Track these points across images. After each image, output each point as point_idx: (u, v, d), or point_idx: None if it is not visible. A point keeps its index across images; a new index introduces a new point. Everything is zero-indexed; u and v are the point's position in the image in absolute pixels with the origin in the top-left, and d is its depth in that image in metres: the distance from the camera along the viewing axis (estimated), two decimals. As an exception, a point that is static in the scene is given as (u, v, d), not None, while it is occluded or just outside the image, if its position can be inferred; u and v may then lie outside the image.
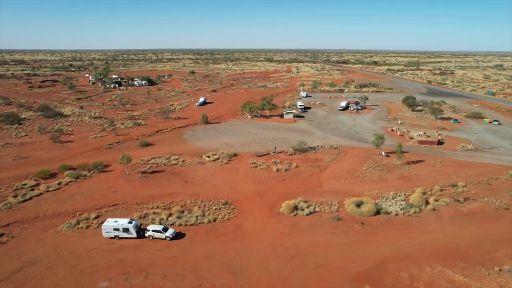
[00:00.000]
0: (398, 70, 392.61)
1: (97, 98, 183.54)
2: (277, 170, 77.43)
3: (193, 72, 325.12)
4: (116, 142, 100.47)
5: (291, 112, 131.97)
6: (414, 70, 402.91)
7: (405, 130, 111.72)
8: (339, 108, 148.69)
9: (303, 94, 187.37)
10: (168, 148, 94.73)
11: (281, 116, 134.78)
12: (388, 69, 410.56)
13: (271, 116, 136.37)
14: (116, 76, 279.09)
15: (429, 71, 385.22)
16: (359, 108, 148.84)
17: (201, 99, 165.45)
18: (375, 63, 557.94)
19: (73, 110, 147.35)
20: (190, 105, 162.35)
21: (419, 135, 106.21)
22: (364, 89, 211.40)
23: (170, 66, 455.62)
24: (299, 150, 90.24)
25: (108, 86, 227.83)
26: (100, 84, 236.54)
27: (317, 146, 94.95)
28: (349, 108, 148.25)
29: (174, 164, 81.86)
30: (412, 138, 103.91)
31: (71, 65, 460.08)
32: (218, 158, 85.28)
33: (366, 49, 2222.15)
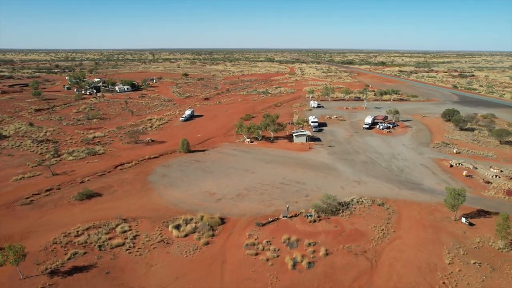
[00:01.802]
0: (411, 72, 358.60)
1: (62, 109, 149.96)
2: (294, 265, 43.73)
3: (186, 75, 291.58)
4: (47, 190, 66.71)
5: (303, 134, 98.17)
6: (428, 72, 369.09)
7: (471, 167, 77.81)
8: (364, 125, 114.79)
9: (313, 104, 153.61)
10: (119, 203, 61.03)
11: (290, 138, 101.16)
12: (400, 71, 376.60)
13: (277, 138, 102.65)
14: (98, 79, 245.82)
15: (445, 73, 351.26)
16: (390, 126, 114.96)
17: (187, 112, 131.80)
18: (383, 63, 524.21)
19: (19, 127, 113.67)
20: (173, 120, 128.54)
21: (496, 176, 72.47)
22: (384, 97, 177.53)
23: (164, 67, 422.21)
24: (325, 211, 56.57)
25: (83, 92, 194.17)
26: (75, 90, 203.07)
27: (351, 200, 61.20)
28: (378, 126, 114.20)
29: (118, 245, 48.14)
30: (488, 182, 69.99)
31: (57, 66, 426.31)
32: (194, 231, 51.60)
33: (367, 48, 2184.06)
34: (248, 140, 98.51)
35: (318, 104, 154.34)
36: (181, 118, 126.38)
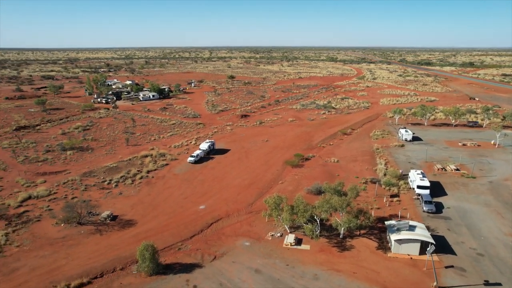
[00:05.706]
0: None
1: (51, 127, 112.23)
2: None
3: (232, 77, 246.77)
4: None
5: (416, 240, 43.89)
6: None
7: None
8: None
9: (406, 135, 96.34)
10: None
11: (379, 234, 47.93)
12: (504, 75, 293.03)
13: (352, 236, 49.78)
14: (130, 82, 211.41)
15: None
16: None
17: (203, 147, 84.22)
18: (472, 64, 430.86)
19: None
20: (179, 159, 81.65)
21: None
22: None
23: (214, 66, 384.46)
24: None
25: (98, 100, 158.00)
26: (95, 96, 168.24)
27: None
28: None
29: None
30: None
31: (108, 65, 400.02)
32: None
33: (438, 47, 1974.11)
34: (292, 240, 47.06)
35: (413, 135, 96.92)
36: (189, 159, 78.82)
